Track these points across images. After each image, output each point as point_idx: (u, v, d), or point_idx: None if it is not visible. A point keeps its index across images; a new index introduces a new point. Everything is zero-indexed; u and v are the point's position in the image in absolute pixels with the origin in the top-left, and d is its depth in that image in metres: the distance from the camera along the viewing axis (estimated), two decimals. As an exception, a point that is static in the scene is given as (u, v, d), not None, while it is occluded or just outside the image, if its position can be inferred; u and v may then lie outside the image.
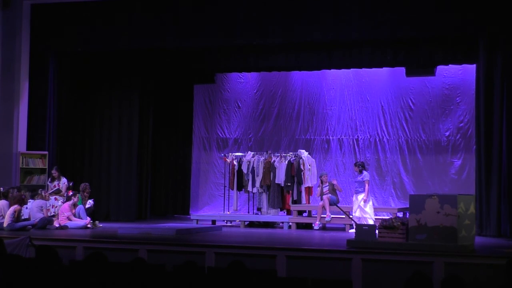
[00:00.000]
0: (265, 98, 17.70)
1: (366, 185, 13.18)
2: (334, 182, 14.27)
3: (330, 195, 14.04)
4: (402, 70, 15.76)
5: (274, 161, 15.43)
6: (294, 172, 15.16)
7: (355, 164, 13.63)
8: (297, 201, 15.07)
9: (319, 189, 14.33)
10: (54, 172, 14.22)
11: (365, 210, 13.07)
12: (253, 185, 15.59)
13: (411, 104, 16.41)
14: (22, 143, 15.01)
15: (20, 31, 15.07)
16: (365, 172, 13.37)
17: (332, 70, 16.44)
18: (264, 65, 15.97)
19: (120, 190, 16.30)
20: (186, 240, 11.24)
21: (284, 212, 15.47)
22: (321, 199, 14.07)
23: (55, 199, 14.00)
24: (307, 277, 6.70)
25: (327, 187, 14.26)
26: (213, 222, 15.33)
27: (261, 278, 6.69)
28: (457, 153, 16.00)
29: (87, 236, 11.77)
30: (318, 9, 13.67)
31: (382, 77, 16.59)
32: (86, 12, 15.00)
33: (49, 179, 14.32)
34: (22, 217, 12.78)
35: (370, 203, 13.30)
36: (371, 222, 12.64)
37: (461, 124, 16.00)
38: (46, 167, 14.91)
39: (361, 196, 13.15)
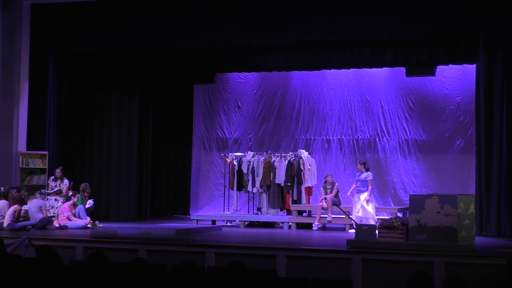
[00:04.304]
0: (265, 98, 17.70)
1: (370, 185, 13.17)
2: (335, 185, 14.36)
3: (334, 197, 14.08)
4: (402, 70, 15.76)
5: (274, 161, 15.43)
6: (294, 172, 15.16)
7: (360, 163, 13.59)
8: (297, 201, 15.07)
9: (323, 189, 14.35)
10: (58, 172, 14.23)
11: (368, 210, 13.04)
12: (253, 185, 15.59)
13: (411, 104, 16.42)
14: (22, 143, 15.00)
15: (20, 31, 15.07)
16: (369, 172, 13.36)
17: (332, 70, 16.44)
18: (264, 65, 15.96)
19: (120, 190, 16.31)
20: (186, 240, 11.23)
21: (284, 212, 15.47)
22: (325, 199, 14.08)
23: (55, 199, 14.01)
24: (307, 277, 6.70)
25: (330, 188, 14.28)
26: (213, 222, 15.34)
27: (261, 278, 6.69)
28: (457, 153, 16.00)
29: (87, 236, 11.76)
30: (318, 9, 13.67)
31: (382, 77, 16.59)
32: (86, 12, 15.00)
33: (52, 178, 14.31)
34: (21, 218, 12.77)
35: (373, 203, 13.29)
36: (373, 222, 12.62)
37: (461, 124, 16.00)
38: (46, 167, 14.90)
39: (363, 196, 13.12)
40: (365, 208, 13.07)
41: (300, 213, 14.77)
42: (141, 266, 6.31)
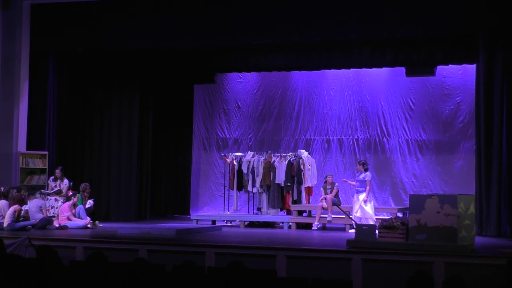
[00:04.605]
0: (265, 98, 17.70)
1: (368, 185, 13.16)
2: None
3: (334, 197, 14.08)
4: (402, 70, 15.75)
5: (274, 161, 15.43)
6: (294, 172, 15.16)
7: (359, 163, 13.59)
8: (297, 201, 15.07)
9: (323, 189, 14.35)
10: (58, 173, 14.23)
11: (366, 210, 13.03)
12: (253, 185, 15.59)
13: (411, 104, 16.41)
14: (22, 143, 15.00)
15: (20, 31, 15.06)
16: (368, 172, 13.35)
17: (332, 70, 16.43)
18: (264, 65, 15.96)
19: (120, 190, 16.31)
20: (186, 240, 11.24)
21: (284, 212, 15.47)
22: (325, 199, 14.07)
23: (55, 199, 14.01)
24: (307, 277, 6.70)
25: (330, 188, 14.28)
26: (213, 222, 15.34)
27: (261, 278, 6.69)
28: (457, 153, 15.99)
29: (87, 236, 11.77)
30: (318, 9, 13.67)
31: (382, 77, 16.59)
32: (86, 12, 15.00)
33: (52, 178, 14.32)
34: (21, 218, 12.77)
35: (372, 203, 13.28)
36: (372, 223, 12.61)
37: (461, 124, 16.00)
38: (46, 167, 14.90)
39: (362, 196, 13.12)
40: (363, 209, 13.07)
41: (300, 213, 14.77)
42: (141, 266, 6.31)
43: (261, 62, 15.72)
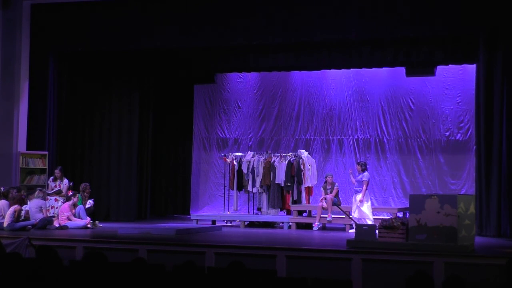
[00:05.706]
0: (265, 98, 17.70)
1: (364, 186, 13.17)
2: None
3: (334, 197, 14.08)
4: (402, 70, 15.75)
5: (274, 161, 15.43)
6: (294, 172, 15.16)
7: (358, 163, 13.63)
8: (297, 201, 15.08)
9: (323, 189, 14.35)
10: (57, 173, 14.24)
11: (363, 210, 13.05)
12: (253, 185, 15.59)
13: (411, 104, 16.41)
14: (22, 143, 15.00)
15: (20, 31, 15.07)
16: (365, 172, 13.36)
17: (332, 70, 16.43)
18: (264, 65, 15.95)
19: (120, 190, 16.31)
20: (186, 240, 11.24)
21: (284, 212, 15.47)
22: (325, 199, 14.07)
23: (55, 199, 14.01)
24: (307, 277, 6.69)
25: (330, 188, 14.28)
26: (213, 222, 15.34)
27: (261, 278, 6.68)
28: (457, 153, 15.99)
29: (87, 236, 11.77)
30: (318, 9, 13.67)
31: (382, 77, 16.58)
32: (86, 12, 15.01)
33: (51, 178, 14.32)
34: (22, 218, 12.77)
35: (368, 203, 13.26)
36: (369, 223, 12.62)
37: (461, 124, 16.00)
38: (46, 167, 14.90)
39: (359, 197, 13.14)
40: (360, 209, 13.09)
41: (300, 213, 14.77)
42: (141, 266, 6.31)
43: (261, 62, 15.71)
